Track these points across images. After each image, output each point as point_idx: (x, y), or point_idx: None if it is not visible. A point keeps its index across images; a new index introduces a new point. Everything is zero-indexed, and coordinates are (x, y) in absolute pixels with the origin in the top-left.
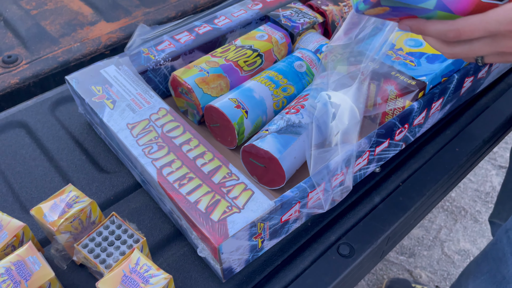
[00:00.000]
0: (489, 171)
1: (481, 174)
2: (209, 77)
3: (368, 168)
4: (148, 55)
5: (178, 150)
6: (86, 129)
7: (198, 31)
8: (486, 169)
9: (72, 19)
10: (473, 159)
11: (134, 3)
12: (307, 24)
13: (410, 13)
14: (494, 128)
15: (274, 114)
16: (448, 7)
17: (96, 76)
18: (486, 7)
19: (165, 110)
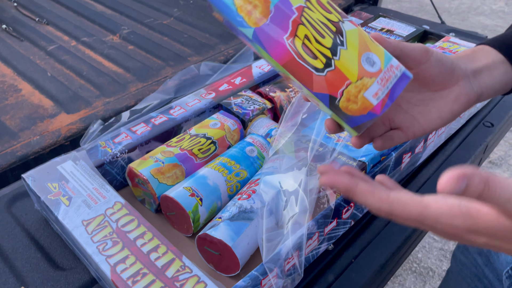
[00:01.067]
0: None
1: None
2: (164, 167)
3: (320, 248)
4: (105, 148)
5: (132, 244)
6: (42, 225)
7: (154, 122)
8: None
9: (32, 112)
10: (419, 230)
11: (94, 93)
12: (257, 111)
13: (237, 34)
14: None
15: (229, 199)
16: (263, 44)
17: (53, 173)
18: (299, 68)
19: (120, 204)
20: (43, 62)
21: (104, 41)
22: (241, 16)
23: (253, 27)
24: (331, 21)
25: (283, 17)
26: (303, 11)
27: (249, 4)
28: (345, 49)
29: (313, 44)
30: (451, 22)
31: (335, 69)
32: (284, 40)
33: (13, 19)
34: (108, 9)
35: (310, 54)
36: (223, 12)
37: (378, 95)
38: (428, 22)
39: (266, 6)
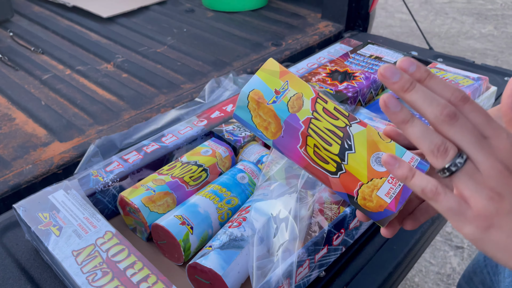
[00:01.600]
0: (447, 253)
1: (440, 256)
2: (155, 196)
3: (311, 275)
4: (97, 177)
5: (122, 275)
6: (33, 255)
7: (146, 150)
8: (444, 250)
9: (25, 141)
10: (411, 256)
11: (88, 122)
12: (248, 137)
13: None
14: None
15: (220, 227)
16: (283, 152)
17: (44, 203)
18: (316, 171)
19: (111, 233)
20: (37, 91)
21: (98, 70)
22: (260, 131)
23: (271, 139)
24: (338, 127)
25: (293, 130)
26: (310, 122)
27: (264, 122)
28: (353, 152)
29: (322, 151)
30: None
31: (346, 172)
32: (298, 149)
33: (9, 49)
34: (103, 38)
35: (322, 159)
36: (246, 127)
37: (390, 194)
38: (417, 48)
39: (277, 122)
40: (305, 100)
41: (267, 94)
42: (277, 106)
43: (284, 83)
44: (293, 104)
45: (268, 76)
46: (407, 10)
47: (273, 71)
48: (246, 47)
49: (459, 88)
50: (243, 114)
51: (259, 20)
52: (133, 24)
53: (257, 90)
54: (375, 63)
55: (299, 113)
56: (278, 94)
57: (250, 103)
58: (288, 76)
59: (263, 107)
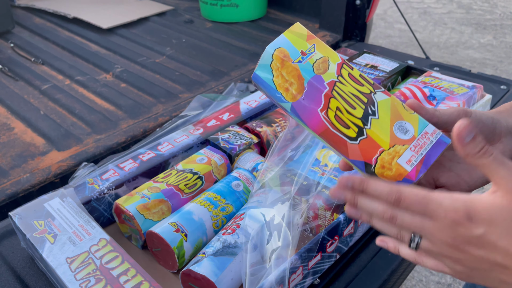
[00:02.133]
0: None
1: None
2: (150, 203)
3: (305, 282)
4: (92, 185)
5: (115, 282)
6: (28, 263)
7: (142, 158)
8: None
9: (23, 150)
10: (406, 264)
11: (86, 131)
12: (244, 145)
13: (279, 107)
14: None
15: (215, 234)
16: (300, 117)
17: (40, 211)
18: (334, 137)
19: (105, 240)
20: (36, 101)
21: (97, 80)
22: (280, 93)
23: (290, 101)
24: (363, 93)
25: (316, 92)
26: (334, 85)
27: (286, 82)
28: (376, 118)
29: (345, 115)
30: (440, 56)
31: (368, 137)
32: (318, 113)
33: (9, 60)
34: (103, 48)
35: (343, 124)
36: (265, 89)
37: (411, 162)
38: (414, 57)
39: (300, 83)
40: (331, 64)
41: (293, 54)
42: (302, 65)
43: (310, 45)
44: (319, 66)
45: (295, 37)
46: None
47: (300, 33)
48: (244, 57)
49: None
50: (264, 74)
51: (257, 31)
52: (132, 35)
53: (283, 48)
54: (370, 72)
55: (324, 75)
56: (304, 55)
57: (274, 61)
58: (315, 40)
59: (287, 66)
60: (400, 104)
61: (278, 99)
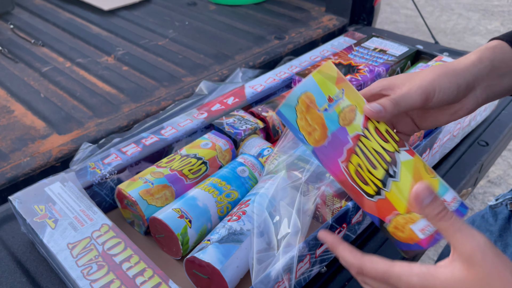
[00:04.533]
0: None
1: None
2: (153, 188)
3: (312, 271)
4: (94, 169)
5: (118, 268)
6: (29, 248)
7: (145, 142)
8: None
9: (24, 134)
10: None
11: (87, 114)
12: (249, 130)
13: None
14: None
15: (219, 220)
16: (321, 161)
17: (40, 195)
18: (352, 189)
19: (107, 226)
20: (37, 83)
21: (98, 62)
22: (302, 135)
23: (312, 145)
24: (387, 151)
25: (339, 144)
26: (358, 139)
27: (309, 127)
28: (397, 181)
29: (365, 172)
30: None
31: (385, 199)
32: (339, 162)
33: (9, 41)
34: (104, 30)
35: (362, 180)
36: (287, 126)
37: (425, 231)
38: (422, 42)
39: (324, 132)
40: (358, 114)
41: (320, 100)
42: (328, 114)
43: (339, 91)
44: (345, 116)
45: (323, 80)
46: (412, 6)
47: (329, 75)
48: (248, 41)
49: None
50: (288, 113)
51: (262, 14)
52: (134, 17)
53: (310, 93)
54: (379, 56)
55: (349, 127)
56: (331, 102)
57: (299, 104)
58: (344, 84)
59: (312, 113)
60: (423, 166)
61: (300, 139)
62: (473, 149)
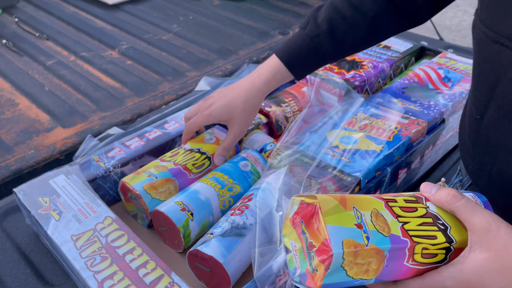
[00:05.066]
0: None
1: None
2: (157, 182)
3: None
4: (98, 162)
5: (121, 260)
6: (33, 240)
7: (149, 136)
8: None
9: (28, 126)
10: None
11: (91, 108)
12: (252, 125)
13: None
14: None
15: (222, 214)
16: (387, 280)
17: (44, 187)
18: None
19: (110, 218)
20: (41, 76)
21: (102, 56)
22: (359, 279)
23: (374, 277)
24: (423, 216)
25: (399, 252)
26: (406, 232)
27: (364, 266)
28: (451, 229)
29: (430, 249)
30: (452, 39)
31: (455, 250)
32: (406, 265)
33: (14, 35)
34: (108, 24)
35: (431, 256)
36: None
37: None
38: (427, 38)
39: (380, 255)
40: (383, 213)
41: (356, 236)
42: (373, 240)
43: (354, 212)
44: (379, 225)
45: (336, 217)
46: None
47: (333, 208)
48: (252, 36)
49: None
50: (335, 278)
51: (266, 9)
52: (138, 11)
53: (346, 239)
54: (383, 52)
55: (392, 230)
56: (362, 228)
57: (346, 260)
58: (349, 201)
59: (361, 253)
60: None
61: (358, 284)
62: None
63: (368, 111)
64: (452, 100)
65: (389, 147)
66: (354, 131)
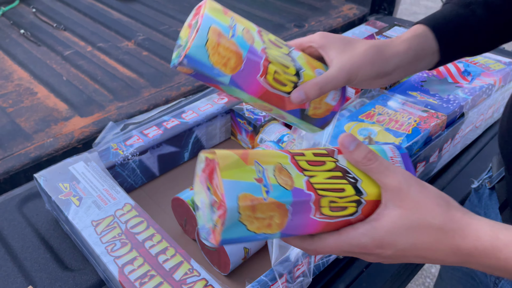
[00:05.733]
0: None
1: None
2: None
3: (330, 256)
4: (117, 150)
5: (140, 246)
6: (52, 225)
7: (167, 125)
8: None
9: (47, 115)
10: None
11: (108, 98)
12: (269, 116)
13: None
14: None
15: None
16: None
17: (64, 173)
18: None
19: (130, 205)
20: (59, 66)
21: (119, 47)
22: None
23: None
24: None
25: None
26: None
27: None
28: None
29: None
30: None
31: (367, 203)
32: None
33: (31, 25)
34: (125, 16)
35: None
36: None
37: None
38: None
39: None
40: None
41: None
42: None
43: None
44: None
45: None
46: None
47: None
48: (268, 28)
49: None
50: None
51: (281, 1)
52: (154, 2)
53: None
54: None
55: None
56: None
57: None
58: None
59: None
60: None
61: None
62: (495, 141)
63: (386, 104)
64: (472, 94)
65: (408, 140)
66: (372, 123)
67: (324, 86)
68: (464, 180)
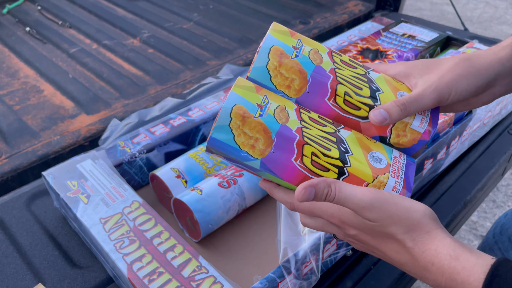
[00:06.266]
0: (472, 242)
1: None
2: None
3: (338, 253)
4: (124, 148)
5: (149, 243)
6: (61, 223)
7: (173, 123)
8: (468, 239)
9: (53, 113)
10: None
11: (114, 95)
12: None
13: (244, 168)
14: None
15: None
16: (273, 171)
17: (72, 171)
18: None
19: (138, 203)
20: (65, 64)
21: (124, 45)
22: (245, 151)
23: (259, 158)
24: (329, 133)
25: (287, 142)
26: (302, 131)
27: (251, 139)
28: (351, 154)
29: (321, 158)
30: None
31: (350, 175)
32: (293, 162)
33: (37, 22)
34: (129, 13)
35: (321, 168)
36: (225, 152)
37: (396, 188)
38: (450, 28)
39: (268, 136)
40: (290, 111)
41: (251, 108)
42: (265, 118)
43: (263, 97)
44: (279, 116)
45: (245, 92)
46: None
47: (248, 86)
48: None
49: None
50: (223, 136)
51: None
52: (159, 0)
53: (240, 105)
54: (408, 42)
55: (289, 123)
56: (262, 108)
57: (233, 120)
58: (264, 91)
59: (249, 122)
60: (363, 136)
61: (243, 158)
62: (503, 138)
63: None
64: None
65: None
66: None
67: (409, 106)
68: (472, 177)
